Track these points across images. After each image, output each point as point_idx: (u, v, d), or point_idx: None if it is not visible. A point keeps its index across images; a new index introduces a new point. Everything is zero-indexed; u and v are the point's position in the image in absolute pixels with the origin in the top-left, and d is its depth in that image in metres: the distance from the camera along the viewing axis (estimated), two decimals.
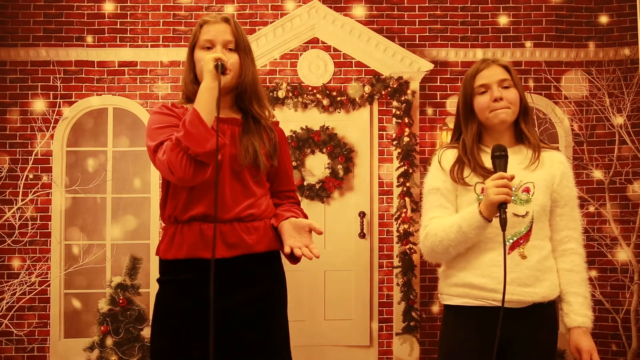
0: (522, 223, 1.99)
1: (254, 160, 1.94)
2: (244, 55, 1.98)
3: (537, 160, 2.02)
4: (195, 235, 1.91)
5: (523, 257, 1.97)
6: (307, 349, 4.89)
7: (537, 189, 2.01)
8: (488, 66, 2.04)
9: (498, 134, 2.06)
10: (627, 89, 4.78)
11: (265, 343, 1.95)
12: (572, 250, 2.04)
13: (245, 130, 1.98)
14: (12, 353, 4.83)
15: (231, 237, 1.92)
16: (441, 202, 2.05)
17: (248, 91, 1.98)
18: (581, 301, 2.02)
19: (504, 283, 1.85)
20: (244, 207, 1.94)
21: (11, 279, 4.82)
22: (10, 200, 4.85)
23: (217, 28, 1.97)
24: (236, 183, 1.94)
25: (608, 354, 4.87)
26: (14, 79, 4.96)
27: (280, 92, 4.88)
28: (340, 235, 4.93)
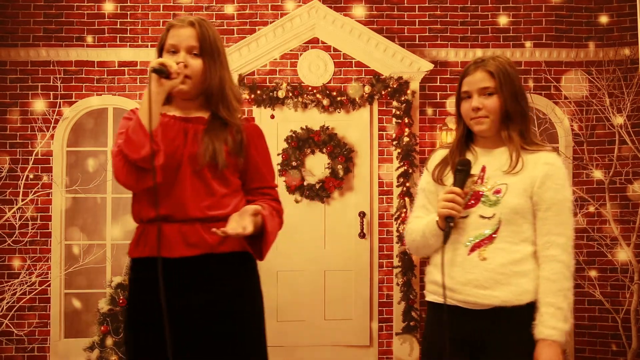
0: (487, 225, 1.96)
1: (213, 159, 1.93)
2: (209, 59, 1.96)
3: (516, 164, 1.97)
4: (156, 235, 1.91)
5: (482, 259, 1.94)
6: (307, 349, 4.89)
7: (510, 191, 1.96)
8: (474, 71, 2.01)
9: (483, 138, 2.05)
10: (627, 89, 4.78)
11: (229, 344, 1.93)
12: (552, 258, 1.93)
13: (209, 129, 1.97)
14: (12, 353, 4.83)
15: (192, 237, 1.91)
16: (424, 203, 2.10)
17: (214, 96, 1.97)
18: (552, 312, 1.90)
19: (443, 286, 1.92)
20: (205, 206, 1.93)
21: (11, 279, 4.83)
22: (11, 200, 4.85)
23: (182, 33, 1.96)
24: (198, 182, 1.93)
25: (608, 354, 4.87)
26: (14, 79, 4.97)
27: (280, 92, 4.88)
28: (340, 235, 4.93)
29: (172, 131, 1.95)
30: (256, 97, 4.90)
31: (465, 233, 1.97)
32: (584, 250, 4.92)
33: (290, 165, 4.89)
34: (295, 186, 4.89)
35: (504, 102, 1.98)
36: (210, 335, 1.92)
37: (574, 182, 4.96)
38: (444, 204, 1.93)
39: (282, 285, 4.91)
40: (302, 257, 4.92)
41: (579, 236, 4.95)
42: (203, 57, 1.95)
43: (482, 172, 2.01)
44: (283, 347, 4.84)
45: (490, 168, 2.00)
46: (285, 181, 4.90)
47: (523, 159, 1.97)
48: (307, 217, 4.94)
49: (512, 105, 1.99)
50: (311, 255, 4.93)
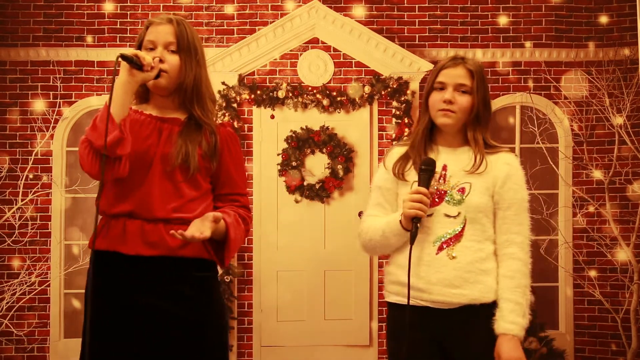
0: (454, 223, 1.97)
1: (185, 161, 1.92)
2: (185, 56, 1.97)
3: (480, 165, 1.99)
4: (119, 229, 1.92)
5: (451, 258, 1.96)
6: (307, 349, 4.89)
7: (474, 190, 1.98)
8: (455, 66, 2.01)
9: (447, 134, 2.05)
10: (627, 89, 4.78)
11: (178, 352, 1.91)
12: (511, 255, 1.98)
13: (184, 130, 1.96)
14: (12, 353, 4.83)
15: (152, 236, 1.90)
16: (380, 202, 2.08)
17: (189, 92, 1.97)
18: (511, 307, 1.93)
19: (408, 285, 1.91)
20: (171, 208, 1.92)
21: (11, 279, 4.82)
22: (10, 200, 4.85)
23: (160, 29, 1.98)
24: (167, 183, 1.93)
25: (608, 354, 4.88)
26: (14, 79, 4.96)
27: (280, 92, 4.89)
28: (340, 235, 4.93)
29: (146, 129, 1.96)
30: (256, 97, 4.90)
31: (431, 232, 1.97)
32: (583, 250, 4.93)
33: (290, 165, 4.90)
34: (295, 186, 4.89)
35: (476, 104, 2.01)
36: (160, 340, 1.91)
37: (574, 182, 4.97)
38: (412, 204, 1.91)
39: (282, 285, 4.91)
40: (302, 257, 4.92)
41: (579, 236, 4.96)
42: (180, 54, 1.96)
43: (444, 170, 2.02)
44: (283, 347, 4.84)
45: (452, 167, 2.02)
46: (285, 181, 4.90)
47: (486, 160, 2.00)
48: (307, 217, 4.94)
49: (482, 109, 2.02)
50: (311, 255, 4.93)
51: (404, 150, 2.08)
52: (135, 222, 1.91)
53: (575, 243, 4.95)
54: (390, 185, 2.06)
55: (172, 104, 2.01)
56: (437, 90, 2.01)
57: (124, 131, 1.85)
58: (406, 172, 2.03)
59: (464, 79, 2.00)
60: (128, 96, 1.88)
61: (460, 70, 2.01)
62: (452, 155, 2.04)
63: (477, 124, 2.02)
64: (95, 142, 1.82)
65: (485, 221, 1.99)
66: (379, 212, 2.08)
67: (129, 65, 1.86)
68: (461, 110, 1.99)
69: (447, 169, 2.02)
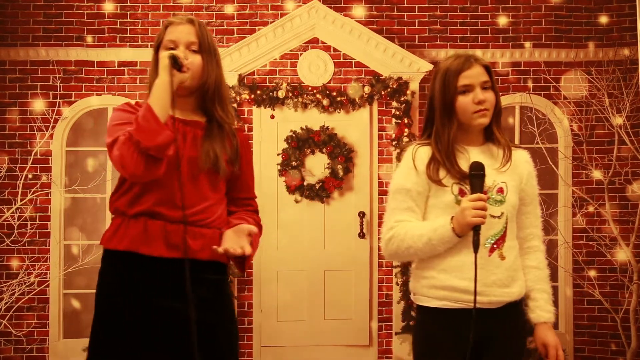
0: (499, 224, 1.99)
1: (214, 165, 1.93)
2: (207, 57, 1.96)
3: (509, 161, 2.02)
4: (139, 229, 1.90)
5: (502, 258, 1.98)
6: (307, 349, 4.89)
7: (510, 189, 2.02)
8: (472, 66, 2.00)
9: (471, 134, 2.04)
10: (627, 89, 4.79)
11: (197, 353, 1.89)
12: (536, 248, 2.08)
13: (208, 134, 1.96)
14: (11, 353, 4.81)
15: (174, 238, 1.90)
16: (409, 205, 2.01)
17: (210, 93, 1.97)
18: (546, 297, 2.04)
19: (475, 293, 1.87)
20: (195, 210, 1.92)
21: (10, 279, 4.81)
22: (10, 200, 4.84)
23: (181, 29, 1.96)
24: (192, 186, 1.92)
25: (607, 354, 4.88)
26: (14, 79, 4.96)
27: (280, 92, 4.89)
28: (340, 235, 4.93)
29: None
30: (256, 97, 4.90)
31: (481, 234, 1.92)
32: (583, 250, 4.93)
33: (290, 165, 4.89)
34: (295, 186, 4.89)
35: (498, 98, 2.05)
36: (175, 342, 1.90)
37: (574, 182, 4.97)
38: (476, 212, 1.87)
39: (282, 285, 4.90)
40: (302, 257, 4.92)
41: (579, 236, 4.96)
42: (202, 54, 1.96)
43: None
44: (283, 347, 4.83)
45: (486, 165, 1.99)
46: (285, 181, 4.90)
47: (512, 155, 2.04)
48: (307, 217, 4.94)
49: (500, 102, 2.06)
50: (311, 255, 4.93)
51: (429, 150, 2.01)
52: (157, 222, 1.90)
53: (575, 243, 4.95)
54: (422, 188, 2.00)
55: (190, 105, 2.00)
56: (463, 94, 1.99)
57: (173, 132, 1.84)
58: (442, 177, 1.98)
59: (484, 76, 2.01)
60: (169, 97, 1.85)
61: (479, 69, 2.01)
62: (482, 153, 2.03)
63: (498, 119, 2.06)
64: (144, 142, 1.79)
65: (514, 218, 2.05)
66: (409, 217, 2.00)
67: (170, 65, 1.86)
68: (492, 107, 2.03)
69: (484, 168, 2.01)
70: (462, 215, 1.89)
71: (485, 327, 1.95)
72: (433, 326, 2.00)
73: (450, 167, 1.97)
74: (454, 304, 1.95)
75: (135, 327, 1.88)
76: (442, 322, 1.97)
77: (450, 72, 2.01)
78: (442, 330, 1.97)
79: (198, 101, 1.99)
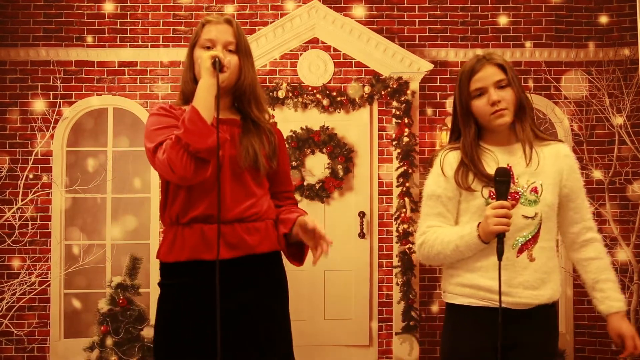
0: (531, 225, 1.96)
1: (254, 162, 1.94)
2: (244, 57, 1.98)
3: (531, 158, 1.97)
4: (197, 237, 1.90)
5: (532, 260, 1.95)
6: (307, 349, 4.89)
7: (546, 188, 1.97)
8: (483, 67, 1.99)
9: (498, 134, 2.02)
10: (627, 89, 4.78)
11: (269, 345, 1.94)
12: (593, 239, 2.04)
13: (245, 131, 1.97)
14: (12, 353, 4.83)
15: (232, 238, 1.91)
16: (440, 211, 2.02)
17: (247, 94, 1.98)
18: (612, 286, 2.00)
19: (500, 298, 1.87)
20: (245, 207, 1.94)
21: (11, 279, 4.82)
22: (10, 200, 4.85)
23: (219, 28, 1.97)
24: (237, 184, 1.94)
25: (608, 354, 4.88)
26: (14, 79, 4.96)
27: (280, 92, 4.89)
28: (340, 235, 4.93)
29: None
30: None
31: (510, 235, 1.92)
32: None
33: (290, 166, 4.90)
34: (295, 186, 4.89)
35: (518, 94, 1.99)
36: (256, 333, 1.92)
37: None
38: (498, 220, 1.87)
39: None
40: None
41: None
42: (239, 54, 1.97)
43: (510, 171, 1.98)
44: None
45: (516, 166, 1.99)
46: None
47: (537, 151, 1.99)
48: None
49: (524, 96, 2.01)
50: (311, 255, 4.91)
51: (458, 155, 2.02)
52: (212, 226, 1.90)
53: None
54: (452, 194, 2.01)
55: (226, 104, 2.01)
56: (478, 97, 1.98)
57: (223, 134, 1.86)
58: (471, 183, 1.98)
59: (498, 75, 1.98)
60: (212, 98, 1.86)
61: (491, 69, 1.99)
62: (510, 154, 2.01)
63: (523, 115, 2.00)
64: (195, 144, 1.79)
65: (554, 218, 2.01)
66: (440, 223, 2.02)
67: (212, 67, 1.86)
68: (511, 104, 1.97)
69: (512, 169, 1.99)
70: (485, 223, 1.89)
71: (513, 329, 1.93)
72: (460, 323, 2.01)
73: (477, 171, 1.97)
74: (479, 301, 1.96)
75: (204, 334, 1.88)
76: (468, 320, 1.99)
77: (463, 76, 2.02)
78: (468, 328, 1.98)
79: (233, 100, 2.01)
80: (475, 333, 1.95)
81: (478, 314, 1.96)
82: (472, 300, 1.97)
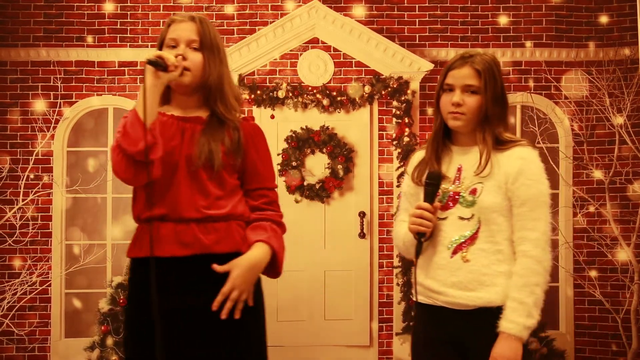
0: (468, 226, 1.95)
1: (209, 160, 1.92)
2: (209, 54, 1.97)
3: (484, 168, 1.95)
4: (153, 234, 1.92)
5: (465, 261, 1.93)
6: (307, 349, 4.90)
7: (486, 189, 1.94)
8: (462, 66, 1.99)
9: (460, 134, 2.03)
10: (627, 89, 4.78)
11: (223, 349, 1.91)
12: (523, 253, 1.91)
13: (207, 129, 1.96)
14: (13, 353, 4.84)
15: (186, 237, 1.91)
16: (407, 207, 2.10)
17: (213, 91, 1.97)
18: (514, 306, 1.88)
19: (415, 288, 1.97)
20: (201, 206, 1.92)
21: (12, 278, 4.83)
22: (11, 200, 4.86)
23: (183, 27, 1.98)
24: (193, 183, 1.93)
25: (608, 354, 4.87)
26: (15, 79, 4.97)
27: (280, 92, 4.89)
28: (340, 235, 4.93)
29: (169, 130, 1.95)
30: (256, 97, 4.90)
31: (446, 235, 1.97)
32: (584, 250, 4.92)
33: (290, 165, 4.90)
34: (295, 186, 4.89)
35: (485, 104, 1.97)
36: (203, 339, 1.91)
37: (574, 182, 4.96)
38: (413, 220, 1.94)
39: (282, 285, 4.87)
40: (302, 257, 4.92)
41: (579, 236, 4.95)
42: (203, 52, 1.96)
43: (459, 172, 2.00)
44: (283, 347, 4.84)
45: (466, 168, 1.99)
46: (285, 181, 4.90)
47: (492, 161, 1.95)
48: (307, 217, 4.94)
49: (492, 107, 1.97)
50: (311, 255, 4.93)
51: (424, 154, 2.07)
52: (167, 224, 1.92)
53: (576, 243, 4.94)
54: (414, 191, 2.07)
55: (194, 102, 2.00)
56: (447, 92, 2.00)
57: (156, 135, 1.86)
58: (424, 178, 2.01)
59: (470, 79, 1.97)
60: (156, 99, 1.89)
61: (467, 70, 1.98)
62: (465, 155, 2.01)
63: (486, 123, 1.98)
64: (128, 148, 1.82)
65: (502, 221, 1.94)
66: (406, 218, 2.07)
67: (154, 68, 1.87)
68: (470, 112, 1.96)
69: (461, 170, 2.00)
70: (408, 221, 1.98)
71: (460, 328, 1.95)
72: (418, 319, 2.09)
73: (431, 166, 2.00)
74: (426, 299, 2.00)
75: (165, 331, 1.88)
76: (422, 317, 2.05)
77: (444, 68, 2.05)
78: (422, 324, 2.04)
79: (202, 98, 2.00)
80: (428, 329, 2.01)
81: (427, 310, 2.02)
82: (422, 298, 2.02)
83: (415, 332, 2.08)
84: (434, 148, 2.03)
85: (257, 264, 1.95)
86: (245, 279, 1.90)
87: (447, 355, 1.97)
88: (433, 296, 1.98)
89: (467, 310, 1.94)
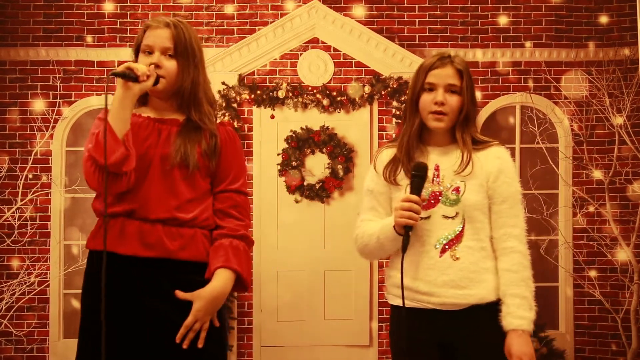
0: (453, 224, 1.96)
1: (184, 160, 1.92)
2: (183, 61, 1.96)
3: (467, 166, 1.97)
4: (116, 230, 1.91)
5: (455, 259, 1.94)
6: (307, 349, 4.89)
7: (469, 188, 1.97)
8: (443, 66, 1.99)
9: (436, 134, 2.03)
10: (627, 89, 4.79)
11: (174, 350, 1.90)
12: (511, 249, 1.96)
13: (182, 130, 1.97)
14: (11, 353, 4.82)
15: (150, 237, 1.90)
16: (373, 205, 2.07)
17: (185, 98, 1.97)
18: (518, 302, 1.91)
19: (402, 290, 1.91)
20: (169, 207, 1.92)
21: (10, 279, 4.81)
22: (10, 200, 4.84)
23: (157, 34, 1.96)
24: (166, 182, 1.93)
25: (608, 354, 4.88)
26: (14, 79, 4.96)
27: (280, 92, 4.88)
28: (340, 235, 4.92)
29: (145, 131, 1.95)
30: (256, 97, 4.89)
31: (432, 234, 1.96)
32: (583, 250, 4.92)
33: (290, 165, 4.89)
34: (295, 186, 4.89)
35: (466, 104, 1.99)
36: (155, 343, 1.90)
37: (574, 182, 4.96)
38: (401, 213, 1.89)
39: (282, 285, 4.90)
40: (302, 257, 4.92)
41: (579, 236, 4.96)
42: (177, 59, 1.96)
43: (437, 170, 2.00)
44: (283, 347, 4.83)
45: (444, 166, 2.00)
46: (285, 181, 4.90)
47: (473, 160, 1.98)
48: (307, 217, 4.94)
49: (471, 108, 2.01)
50: (311, 255, 4.92)
51: (392, 152, 2.06)
52: (133, 222, 1.91)
53: (575, 243, 4.94)
54: (383, 189, 2.05)
55: (170, 106, 2.01)
56: (427, 92, 1.99)
57: (129, 147, 1.85)
58: (398, 177, 2.02)
59: (453, 79, 1.98)
60: (127, 110, 1.87)
61: (450, 70, 1.99)
62: (443, 155, 2.02)
63: (465, 123, 2.00)
64: (100, 160, 1.81)
65: (483, 218, 1.98)
66: (372, 217, 2.06)
67: (123, 80, 1.85)
68: (452, 112, 1.98)
69: (439, 169, 2.01)
70: (393, 215, 1.93)
71: (450, 329, 1.95)
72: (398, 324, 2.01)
73: (406, 166, 2.00)
74: (411, 302, 1.96)
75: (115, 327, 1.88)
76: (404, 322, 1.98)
77: (422, 68, 2.03)
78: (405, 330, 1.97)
79: (177, 102, 2.00)
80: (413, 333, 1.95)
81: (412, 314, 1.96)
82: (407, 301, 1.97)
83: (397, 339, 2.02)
84: (408, 148, 2.02)
85: (220, 294, 1.91)
86: (207, 311, 1.89)
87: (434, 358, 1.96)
88: (421, 298, 1.96)
89: (457, 310, 1.95)
